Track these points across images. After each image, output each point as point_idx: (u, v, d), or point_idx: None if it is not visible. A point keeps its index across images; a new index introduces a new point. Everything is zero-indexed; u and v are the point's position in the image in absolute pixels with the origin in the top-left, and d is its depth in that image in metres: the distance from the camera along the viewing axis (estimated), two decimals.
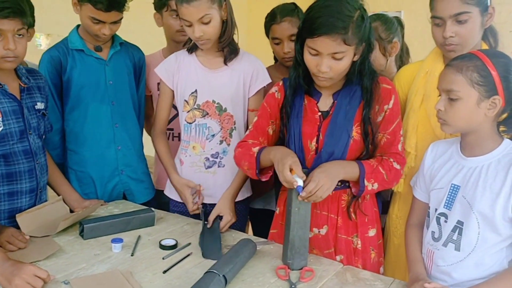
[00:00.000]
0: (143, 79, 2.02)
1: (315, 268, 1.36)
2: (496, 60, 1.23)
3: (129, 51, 1.95)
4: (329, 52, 1.30)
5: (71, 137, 1.87)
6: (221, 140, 1.70)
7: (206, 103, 1.68)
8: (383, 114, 1.43)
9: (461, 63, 1.24)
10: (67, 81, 1.82)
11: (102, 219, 1.58)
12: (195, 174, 1.72)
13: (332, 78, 1.37)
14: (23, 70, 1.59)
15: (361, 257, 1.50)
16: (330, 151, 1.42)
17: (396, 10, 4.28)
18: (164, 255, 1.42)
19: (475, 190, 1.25)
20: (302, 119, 1.46)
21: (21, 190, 1.53)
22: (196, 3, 1.50)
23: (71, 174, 1.88)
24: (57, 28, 3.46)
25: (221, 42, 1.64)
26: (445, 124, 1.28)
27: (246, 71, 1.69)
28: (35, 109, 1.60)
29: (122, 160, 1.91)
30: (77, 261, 1.37)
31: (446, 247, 1.30)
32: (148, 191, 2.02)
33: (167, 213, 1.78)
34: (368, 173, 1.38)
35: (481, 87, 1.21)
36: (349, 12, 1.28)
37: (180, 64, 1.71)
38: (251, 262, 1.40)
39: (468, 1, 1.40)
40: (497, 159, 1.25)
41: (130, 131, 1.93)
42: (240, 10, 5.37)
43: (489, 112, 1.23)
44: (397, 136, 1.45)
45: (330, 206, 1.48)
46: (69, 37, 1.85)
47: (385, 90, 1.43)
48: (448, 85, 1.25)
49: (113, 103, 1.87)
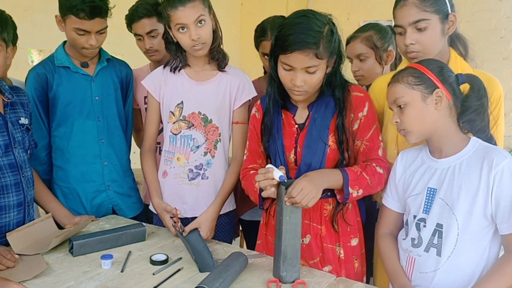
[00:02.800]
0: (130, 94, 2.02)
1: (307, 281, 1.35)
2: (425, 62, 1.34)
3: (116, 66, 1.95)
4: (303, 67, 1.35)
5: (57, 153, 1.86)
6: (206, 152, 1.70)
7: (192, 114, 1.68)
8: (358, 121, 1.45)
9: (396, 76, 1.35)
10: (53, 97, 1.81)
11: (91, 235, 1.56)
12: (178, 186, 1.71)
13: (307, 91, 1.41)
14: (5, 86, 1.59)
15: (344, 267, 1.49)
16: (308, 162, 1.44)
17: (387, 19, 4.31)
18: (155, 270, 1.41)
19: (451, 191, 1.27)
20: (282, 133, 1.50)
21: (9, 204, 1.52)
22: (191, 4, 1.53)
23: (57, 190, 1.88)
24: (49, 44, 3.45)
25: (211, 50, 1.65)
26: (406, 133, 1.34)
27: (233, 83, 1.70)
28: (19, 124, 1.59)
29: (108, 175, 1.90)
30: (66, 278, 1.35)
31: (428, 252, 1.30)
32: (136, 205, 2.01)
33: (158, 228, 1.76)
34: (352, 180, 1.39)
35: (420, 86, 1.30)
36: (319, 28, 1.34)
37: (167, 76, 1.71)
38: (242, 276, 1.38)
39: (426, 8, 1.42)
40: (468, 157, 1.28)
41: (116, 146, 1.93)
42: (233, 23, 5.41)
43: (437, 106, 1.29)
44: (376, 142, 1.47)
45: (312, 214, 1.49)
46: (55, 54, 1.85)
47: (358, 98, 1.46)
48: (393, 96, 1.34)
49: (99, 119, 1.86)
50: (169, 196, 1.71)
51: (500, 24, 3.96)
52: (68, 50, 1.84)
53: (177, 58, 1.68)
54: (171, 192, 1.72)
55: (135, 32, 2.06)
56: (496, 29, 3.95)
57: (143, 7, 1.98)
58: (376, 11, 4.60)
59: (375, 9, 4.66)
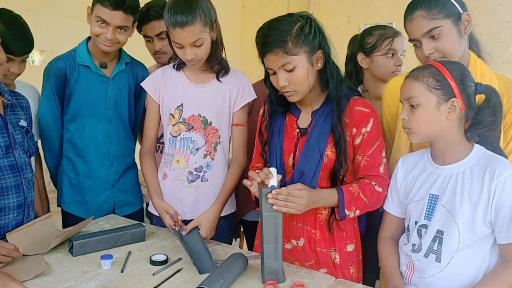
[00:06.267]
0: (143, 95, 2.00)
1: (306, 282, 1.35)
2: (450, 66, 1.28)
3: (133, 69, 1.97)
4: (278, 66, 1.37)
5: (68, 145, 1.90)
6: (205, 154, 1.70)
7: (191, 117, 1.68)
8: (361, 137, 1.44)
9: (417, 72, 1.30)
10: (69, 94, 1.84)
11: (91, 235, 1.56)
12: (178, 188, 1.71)
13: (295, 90, 1.41)
14: (5, 88, 1.60)
15: (340, 272, 1.50)
16: (301, 170, 1.45)
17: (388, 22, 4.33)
18: (155, 270, 1.41)
19: (453, 199, 1.26)
20: (283, 137, 1.50)
21: (9, 206, 1.52)
22: (189, 28, 1.51)
23: (65, 179, 1.92)
24: (50, 44, 3.48)
25: (210, 61, 1.65)
26: (410, 132, 1.32)
27: (232, 86, 1.70)
28: (19, 125, 1.60)
29: (114, 175, 1.93)
30: (66, 278, 1.35)
31: (427, 258, 1.30)
32: (137, 201, 2.04)
33: (158, 228, 1.76)
34: (348, 202, 1.39)
35: (438, 90, 1.26)
36: (287, 27, 1.36)
37: (167, 78, 1.72)
38: (242, 277, 1.38)
39: (434, 16, 1.39)
40: (471, 165, 1.27)
41: (124, 147, 1.95)
42: (234, 26, 5.42)
43: (449, 115, 1.26)
44: (377, 159, 1.45)
45: (306, 218, 1.49)
46: (78, 51, 1.87)
47: (363, 113, 1.44)
48: (408, 93, 1.30)
49: (111, 121, 1.89)
50: (169, 198, 1.71)
51: (500, 28, 3.97)
52: (90, 47, 1.86)
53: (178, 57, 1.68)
54: (170, 194, 1.72)
55: (145, 34, 2.07)
56: (496, 33, 3.97)
57: (153, 10, 1.99)
58: (377, 14, 4.62)
59: (376, 12, 4.67)
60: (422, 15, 1.40)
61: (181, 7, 1.50)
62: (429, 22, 1.39)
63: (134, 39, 2.10)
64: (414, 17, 1.42)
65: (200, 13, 1.51)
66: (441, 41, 1.41)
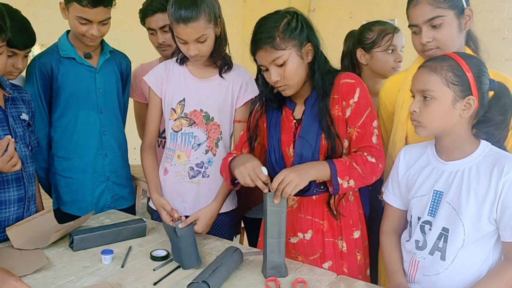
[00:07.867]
0: (127, 86, 2.03)
1: (308, 279, 1.34)
2: (469, 60, 1.24)
3: (116, 58, 1.96)
4: (269, 62, 1.38)
5: (59, 144, 1.88)
6: (207, 150, 1.69)
7: (193, 112, 1.67)
8: (350, 108, 1.42)
9: (435, 63, 1.25)
10: (57, 88, 1.82)
11: (92, 230, 1.55)
12: (179, 184, 1.70)
13: (288, 85, 1.42)
14: (6, 82, 1.58)
15: (346, 260, 1.49)
16: (300, 153, 1.44)
17: (390, 19, 4.32)
18: (155, 266, 1.40)
19: (459, 196, 1.24)
20: (280, 129, 1.51)
21: (9, 199, 1.52)
22: (193, 24, 1.49)
23: (60, 180, 1.90)
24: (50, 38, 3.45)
25: (213, 57, 1.64)
26: (419, 126, 1.27)
27: (236, 82, 1.69)
28: (20, 119, 1.59)
29: (108, 167, 1.93)
30: (66, 273, 1.35)
31: (432, 255, 1.29)
32: (131, 196, 2.04)
33: (158, 223, 1.76)
34: (340, 171, 1.35)
35: (456, 86, 1.21)
36: (274, 23, 1.37)
37: (169, 73, 1.70)
38: (243, 273, 1.38)
39: (440, 5, 1.39)
40: (477, 161, 1.25)
41: (117, 138, 1.96)
42: (235, 20, 5.41)
43: (463, 113, 1.23)
44: (368, 129, 1.42)
45: (314, 210, 1.49)
46: (60, 44, 1.85)
47: (348, 84, 1.43)
48: (423, 85, 1.24)
49: (102, 111, 1.88)
50: (170, 194, 1.71)
51: (503, 25, 3.95)
52: (71, 39, 1.84)
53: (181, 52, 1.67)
54: (171, 190, 1.71)
55: (149, 26, 2.05)
56: (499, 30, 3.95)
57: (158, 2, 1.98)
58: (378, 10, 4.60)
59: (378, 8, 4.66)
60: (428, 1, 1.40)
61: (185, 2, 1.48)
62: (433, 9, 1.40)
63: (136, 34, 2.10)
64: (419, 2, 1.42)
65: (205, 9, 1.49)
66: (441, 31, 1.41)
